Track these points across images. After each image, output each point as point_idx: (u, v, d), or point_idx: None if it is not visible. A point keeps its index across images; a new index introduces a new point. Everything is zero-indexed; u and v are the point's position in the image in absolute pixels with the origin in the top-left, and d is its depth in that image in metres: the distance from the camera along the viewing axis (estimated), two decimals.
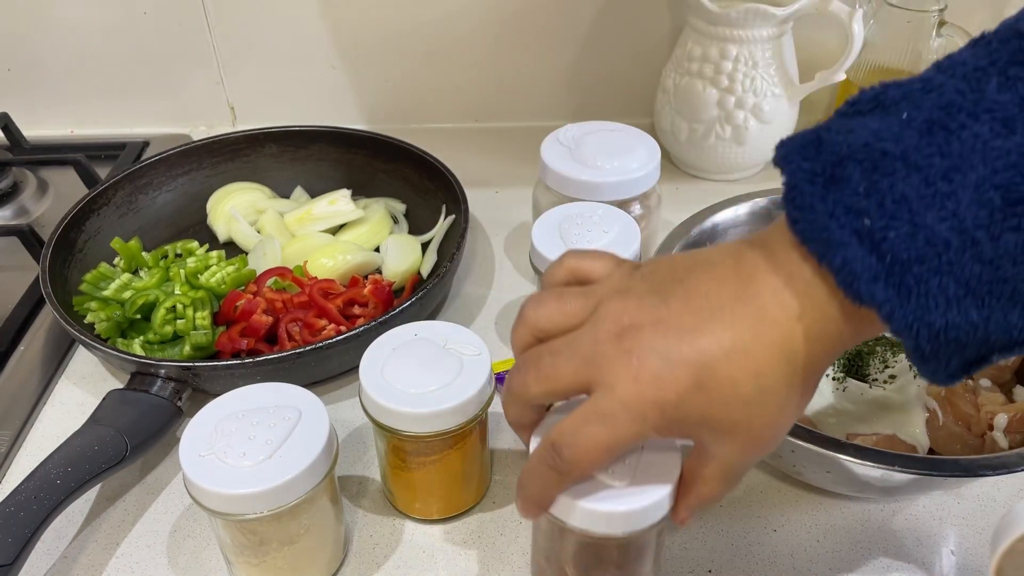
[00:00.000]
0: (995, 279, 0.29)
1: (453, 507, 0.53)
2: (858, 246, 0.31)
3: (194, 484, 0.42)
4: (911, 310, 0.30)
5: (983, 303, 0.30)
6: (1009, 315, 0.30)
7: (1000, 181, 0.29)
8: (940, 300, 0.30)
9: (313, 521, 0.46)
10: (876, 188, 0.31)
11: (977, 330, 0.30)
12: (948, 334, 0.30)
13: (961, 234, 0.29)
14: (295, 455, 0.43)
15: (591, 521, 0.39)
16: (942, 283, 0.30)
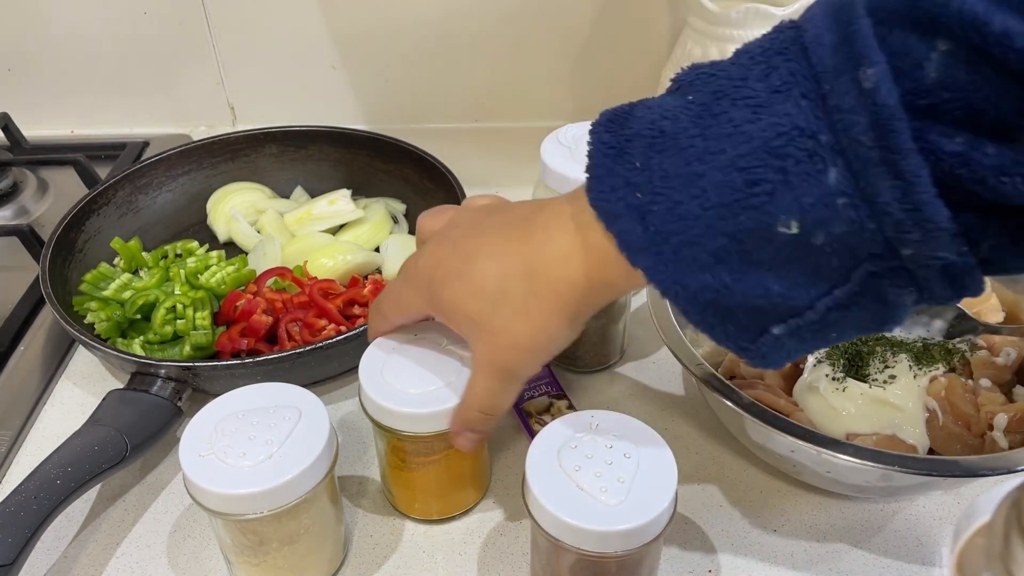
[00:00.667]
0: (740, 249, 0.33)
1: (453, 507, 0.53)
2: (630, 217, 0.35)
3: (194, 484, 0.42)
4: (669, 274, 0.34)
5: (733, 269, 0.33)
6: (758, 278, 0.33)
7: (742, 164, 0.32)
8: (693, 267, 0.34)
9: (313, 521, 0.46)
10: (649, 165, 0.34)
11: (732, 293, 0.34)
12: (703, 295, 0.34)
13: (708, 211, 0.33)
14: (295, 455, 0.43)
15: (587, 541, 0.39)
16: (694, 252, 0.33)
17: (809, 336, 0.35)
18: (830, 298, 0.33)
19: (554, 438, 0.43)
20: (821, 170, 0.31)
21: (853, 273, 0.32)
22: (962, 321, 0.57)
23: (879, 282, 0.32)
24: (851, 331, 0.35)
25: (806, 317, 0.34)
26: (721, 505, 0.54)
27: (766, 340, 0.35)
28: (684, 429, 0.59)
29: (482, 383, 0.43)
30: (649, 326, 0.55)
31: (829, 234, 0.31)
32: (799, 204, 0.31)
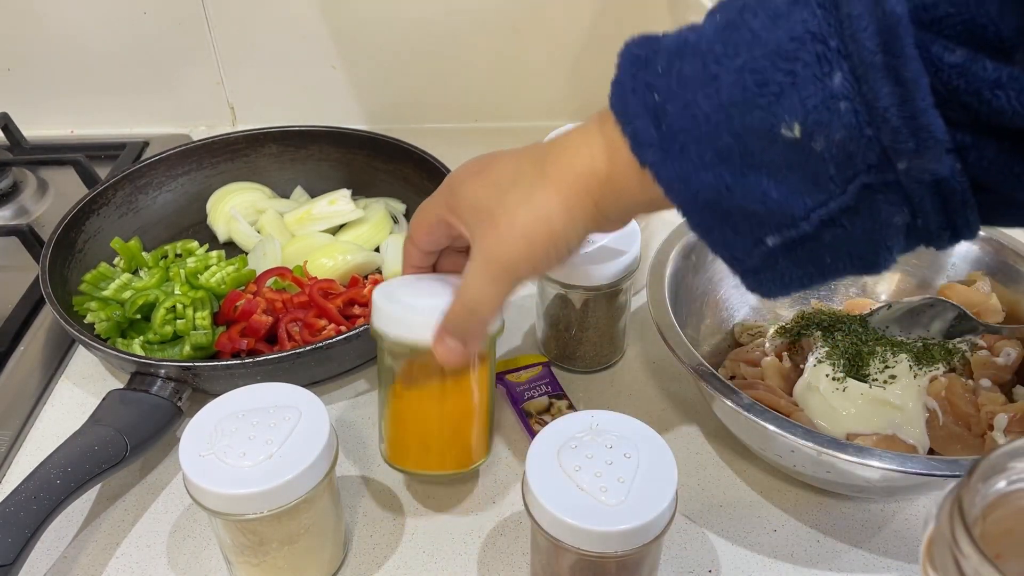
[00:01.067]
0: (744, 150, 0.34)
1: (448, 462, 0.50)
2: (645, 116, 0.36)
3: (194, 484, 0.42)
4: (674, 171, 0.35)
5: (734, 170, 0.34)
6: (758, 181, 0.34)
7: (754, 66, 0.33)
8: (698, 164, 0.35)
9: (313, 521, 0.46)
10: (670, 70, 0.35)
11: (732, 193, 0.34)
12: (704, 194, 0.35)
13: (719, 109, 0.34)
14: (295, 455, 0.43)
15: (587, 541, 0.39)
16: (700, 150, 0.34)
17: (804, 255, 0.35)
18: (824, 210, 0.33)
19: (554, 438, 0.43)
20: (827, 73, 0.31)
21: (849, 185, 0.32)
22: (962, 321, 0.57)
23: (874, 196, 0.33)
24: (844, 257, 0.35)
25: (800, 228, 0.34)
26: (721, 505, 0.54)
27: (761, 252, 0.36)
28: (684, 429, 0.59)
29: (474, 274, 0.42)
30: (649, 326, 0.55)
31: (829, 139, 0.32)
32: (803, 106, 0.32)
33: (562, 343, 0.63)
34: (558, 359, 0.64)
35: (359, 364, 0.63)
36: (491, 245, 0.42)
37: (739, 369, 0.58)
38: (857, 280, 0.65)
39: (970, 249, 0.61)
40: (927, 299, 0.58)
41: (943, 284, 0.61)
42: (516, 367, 0.61)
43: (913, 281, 0.63)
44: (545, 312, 0.62)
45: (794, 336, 0.58)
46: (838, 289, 0.65)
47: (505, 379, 0.60)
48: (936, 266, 0.62)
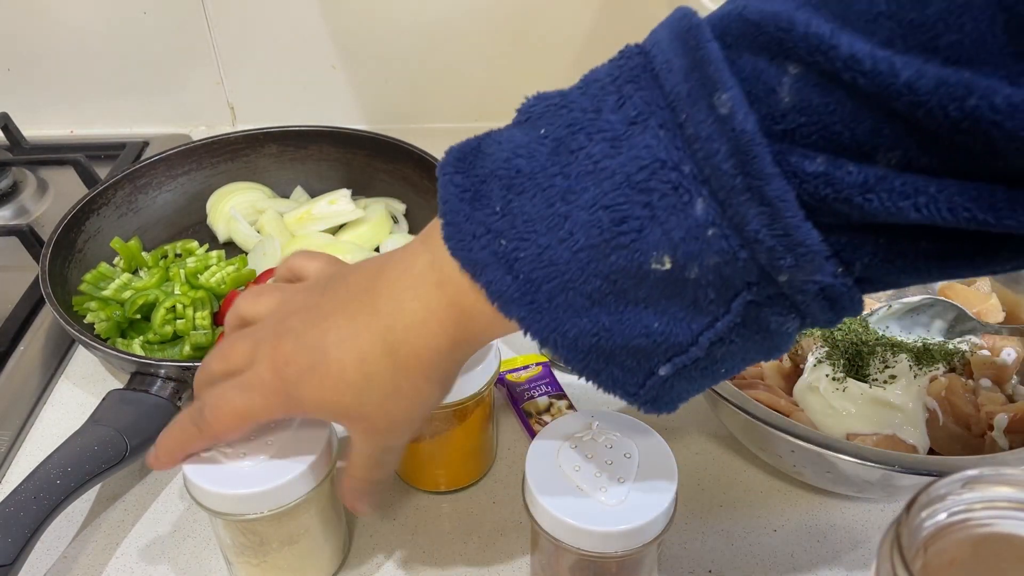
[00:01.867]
0: (616, 290, 0.31)
1: (459, 479, 0.54)
2: (497, 266, 0.32)
3: (194, 484, 0.42)
4: (545, 323, 0.33)
5: (610, 311, 0.32)
6: (637, 317, 0.32)
7: (607, 202, 0.30)
8: (569, 312, 0.32)
9: (313, 521, 0.46)
10: (510, 208, 0.32)
11: (612, 334, 0.32)
12: (583, 341, 0.32)
13: (577, 253, 0.31)
14: (295, 455, 0.43)
15: (587, 541, 0.39)
16: (568, 298, 0.32)
17: (697, 374, 0.33)
18: (712, 332, 0.32)
19: (554, 438, 0.43)
20: (687, 202, 0.29)
21: (732, 304, 0.31)
22: (962, 321, 0.57)
23: (759, 311, 0.31)
24: (739, 364, 0.33)
25: (691, 354, 0.32)
26: (721, 505, 0.54)
27: (654, 383, 0.34)
28: (684, 429, 0.59)
29: (364, 458, 0.41)
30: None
31: (703, 266, 0.30)
32: (669, 239, 0.30)
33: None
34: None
35: None
36: (372, 437, 0.40)
37: None
38: None
39: None
40: (927, 299, 0.58)
41: (943, 284, 0.61)
42: (516, 367, 0.61)
43: None
44: None
45: None
46: None
47: (505, 379, 0.60)
48: None
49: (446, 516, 0.53)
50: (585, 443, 0.42)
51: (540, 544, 0.44)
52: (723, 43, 0.29)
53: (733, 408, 0.47)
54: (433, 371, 0.37)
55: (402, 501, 0.54)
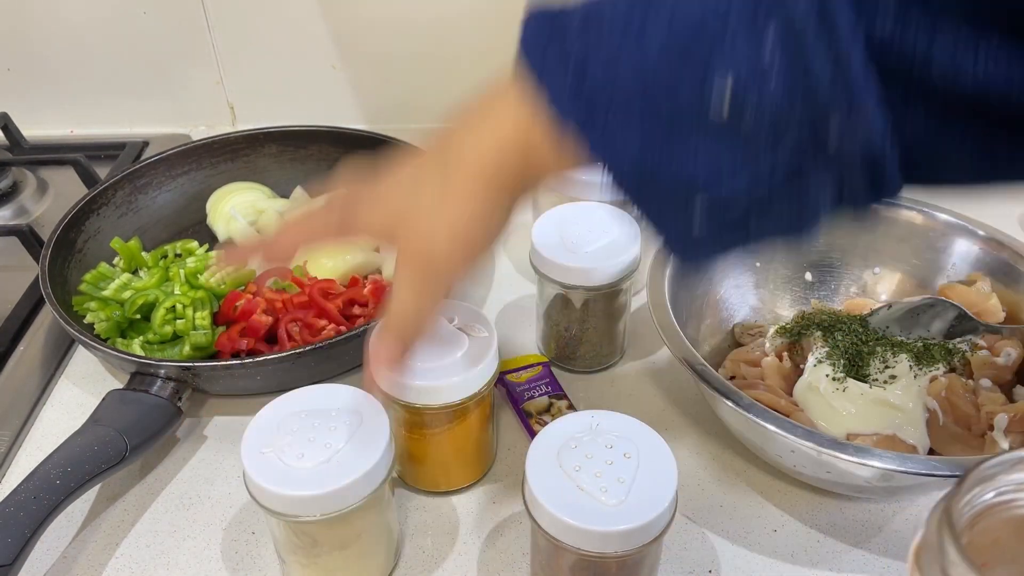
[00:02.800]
0: (674, 109, 0.32)
1: (458, 480, 0.54)
2: (564, 72, 0.33)
3: (252, 481, 0.42)
4: (597, 136, 0.33)
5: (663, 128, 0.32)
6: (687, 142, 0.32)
7: (686, 20, 0.31)
8: (624, 122, 0.32)
9: (366, 528, 0.46)
10: (589, 20, 0.33)
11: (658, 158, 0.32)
12: (630, 155, 0.33)
13: (647, 65, 0.32)
14: (352, 462, 0.43)
15: (587, 541, 0.39)
16: (627, 110, 0.32)
17: (729, 221, 0.34)
18: (753, 168, 0.32)
19: (554, 438, 0.43)
20: (759, 33, 0.30)
21: (778, 148, 0.31)
22: (962, 321, 0.57)
23: (802, 159, 0.31)
24: (769, 224, 0.34)
25: (727, 189, 0.32)
26: (721, 505, 0.54)
27: (687, 217, 0.34)
28: (684, 429, 0.59)
29: (403, 285, 0.40)
30: (649, 326, 0.55)
31: (761, 96, 0.30)
32: (736, 61, 0.30)
33: (562, 343, 0.63)
34: (558, 359, 0.64)
35: (359, 364, 0.63)
36: (413, 244, 0.40)
37: (739, 369, 0.58)
38: (857, 280, 0.65)
39: (970, 249, 0.61)
40: (927, 299, 0.58)
41: (943, 284, 0.61)
42: (516, 367, 0.61)
43: (913, 281, 0.63)
44: (545, 312, 0.62)
45: (794, 336, 0.58)
46: (838, 289, 0.65)
47: (505, 379, 0.60)
48: (936, 266, 0.62)
49: (446, 516, 0.53)
50: (585, 443, 0.42)
51: (540, 544, 0.44)
52: None
53: (733, 408, 0.47)
54: (483, 185, 0.37)
55: (402, 501, 0.54)
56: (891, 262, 0.64)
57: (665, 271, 0.57)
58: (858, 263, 0.65)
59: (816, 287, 0.65)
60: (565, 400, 0.59)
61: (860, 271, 0.65)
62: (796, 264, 0.65)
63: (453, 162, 0.38)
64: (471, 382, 0.48)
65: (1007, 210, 0.78)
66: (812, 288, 0.65)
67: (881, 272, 0.64)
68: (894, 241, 0.63)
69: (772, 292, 0.65)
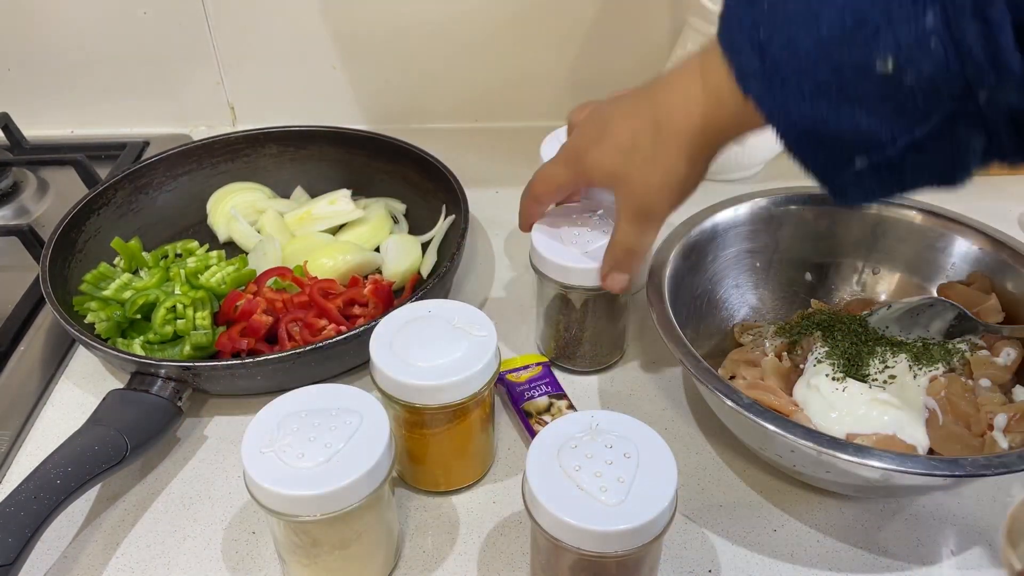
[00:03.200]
0: (840, 83, 0.37)
1: (457, 480, 0.54)
2: (750, 51, 0.39)
3: (253, 480, 0.42)
4: (776, 102, 0.39)
5: (831, 101, 0.37)
6: (852, 112, 0.37)
7: (855, 6, 0.36)
8: (797, 96, 0.38)
9: (366, 528, 0.46)
10: (775, 8, 0.39)
11: (827, 123, 0.38)
12: (802, 123, 0.39)
13: (819, 45, 0.37)
14: (352, 461, 0.43)
15: (587, 541, 0.39)
16: (799, 83, 0.38)
17: (887, 174, 0.39)
18: (910, 136, 0.37)
19: (554, 438, 0.43)
20: (921, 12, 0.34)
21: (934, 114, 0.36)
22: (962, 321, 0.57)
23: (955, 124, 0.36)
24: (924, 175, 0.39)
25: (887, 153, 0.38)
26: (721, 505, 0.54)
27: (848, 173, 0.39)
28: (684, 429, 0.59)
29: (626, 225, 0.51)
30: (649, 326, 0.55)
31: (919, 73, 0.35)
32: (897, 42, 0.35)
33: (562, 343, 0.63)
34: (558, 359, 0.64)
35: (359, 364, 0.63)
36: (632, 200, 0.49)
37: (739, 369, 0.58)
38: (857, 280, 0.65)
39: (970, 249, 0.61)
40: (927, 299, 0.58)
41: (943, 284, 0.61)
42: (516, 367, 0.61)
43: (913, 281, 0.63)
44: (545, 312, 0.62)
45: (794, 336, 0.58)
46: (838, 289, 0.65)
47: (505, 379, 0.60)
48: (936, 266, 0.62)
49: (446, 516, 0.53)
50: (585, 443, 0.42)
51: (540, 544, 0.44)
52: None
53: (733, 408, 0.47)
54: (686, 148, 0.46)
55: (402, 501, 0.54)
56: (891, 262, 0.64)
57: (665, 271, 0.57)
58: (858, 263, 0.65)
59: (816, 287, 0.65)
60: (565, 400, 0.59)
61: (860, 271, 0.65)
62: (796, 264, 0.65)
63: (664, 124, 0.46)
64: (471, 382, 0.48)
65: (1007, 210, 0.78)
66: (812, 288, 0.65)
67: (881, 272, 0.64)
68: (894, 241, 0.63)
69: (772, 292, 0.65)
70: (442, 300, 0.54)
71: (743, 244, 0.63)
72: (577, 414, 0.45)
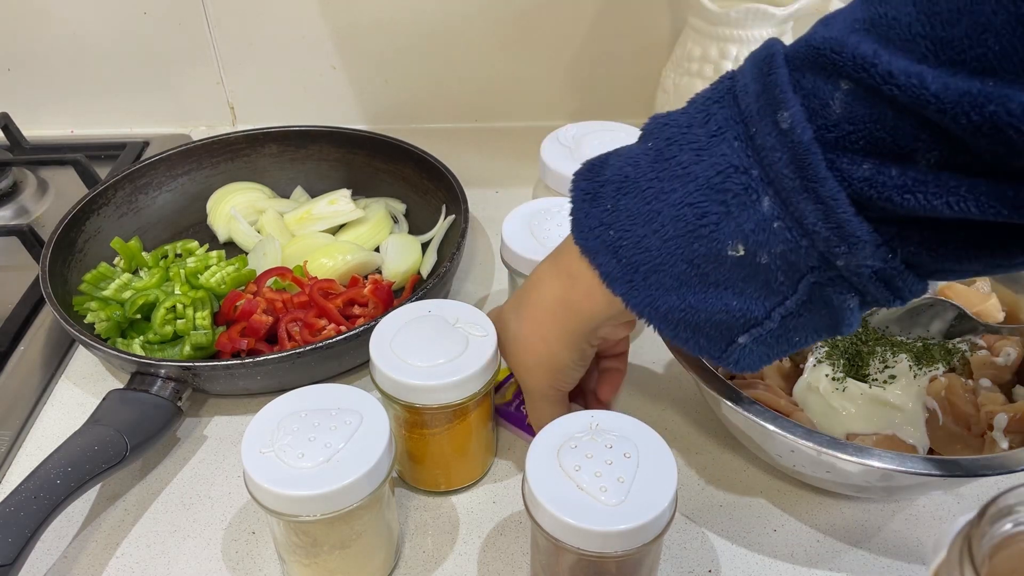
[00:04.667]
0: (699, 273, 0.38)
1: (458, 480, 0.54)
2: (606, 253, 0.40)
3: (252, 481, 0.42)
4: (641, 299, 0.40)
5: (695, 290, 0.38)
6: (718, 296, 0.38)
7: (691, 200, 0.37)
8: (661, 290, 0.39)
9: (366, 527, 0.46)
10: (618, 206, 0.40)
11: (697, 310, 0.39)
12: (673, 315, 0.39)
13: (667, 242, 0.38)
14: (352, 461, 0.43)
15: (587, 541, 0.39)
16: (659, 279, 0.39)
17: (773, 341, 0.39)
18: (783, 308, 0.37)
19: (554, 438, 0.43)
20: (756, 200, 0.35)
21: (799, 285, 0.36)
22: (962, 321, 0.57)
23: (823, 290, 0.36)
24: (810, 334, 0.39)
25: (765, 326, 0.38)
26: (721, 505, 0.54)
27: (734, 349, 0.39)
28: (684, 429, 0.59)
29: (526, 398, 0.52)
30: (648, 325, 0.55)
31: (771, 253, 0.36)
32: (741, 230, 0.36)
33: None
34: None
35: (359, 364, 0.63)
36: (523, 381, 0.51)
37: None
38: None
39: None
40: (927, 299, 0.58)
41: (943, 284, 0.61)
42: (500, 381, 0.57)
43: None
44: None
45: None
46: None
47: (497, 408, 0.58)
48: None
49: (446, 516, 0.53)
50: (585, 443, 0.42)
51: (540, 544, 0.44)
52: (792, 67, 0.35)
53: (733, 408, 0.47)
54: (547, 331, 0.47)
55: (402, 501, 0.54)
56: None
57: None
58: None
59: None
60: None
61: None
62: None
63: (522, 312, 0.48)
64: (471, 382, 0.48)
65: None
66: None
67: None
68: None
69: None
70: (442, 300, 0.53)
71: None
72: (577, 414, 0.45)
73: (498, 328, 0.50)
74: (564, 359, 0.48)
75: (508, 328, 0.50)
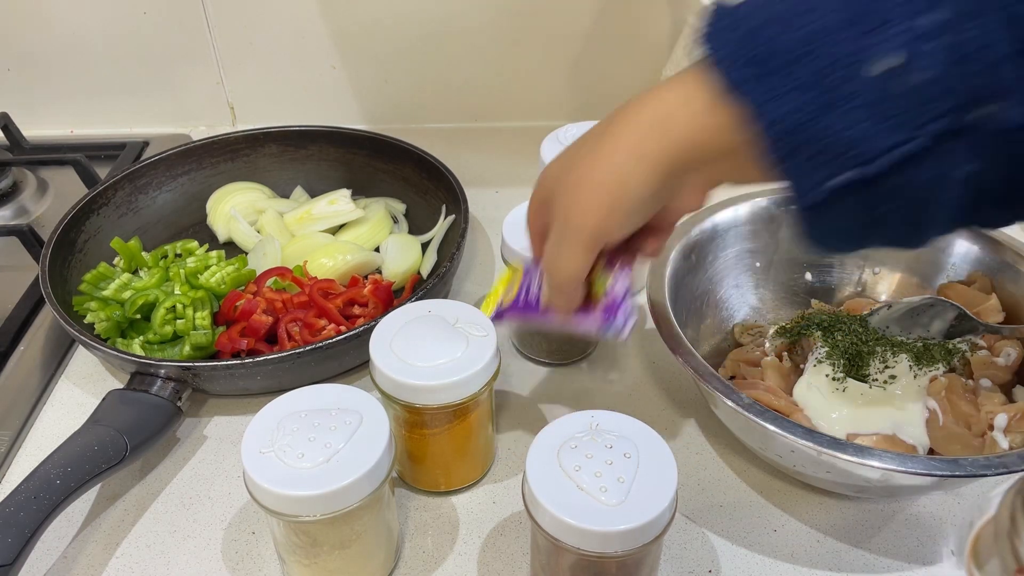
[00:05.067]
0: (833, 80, 0.34)
1: (457, 480, 0.54)
2: (738, 39, 0.36)
3: (252, 481, 0.42)
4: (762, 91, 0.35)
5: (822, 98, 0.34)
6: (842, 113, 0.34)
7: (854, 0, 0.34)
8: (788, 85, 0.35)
9: (366, 527, 0.46)
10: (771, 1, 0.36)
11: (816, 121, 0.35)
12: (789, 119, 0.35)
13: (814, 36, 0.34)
14: (352, 461, 0.43)
15: (587, 541, 0.39)
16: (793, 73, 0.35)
17: (864, 198, 0.36)
18: (900, 151, 0.34)
19: (554, 438, 0.43)
20: (920, 12, 0.33)
21: (928, 126, 0.33)
22: (962, 321, 0.57)
23: (948, 142, 0.34)
24: (903, 207, 0.36)
25: (872, 167, 0.34)
26: (721, 505, 0.54)
27: (828, 187, 0.36)
28: (684, 429, 0.59)
29: (551, 242, 0.44)
30: (649, 326, 0.55)
31: (915, 76, 0.33)
32: (895, 42, 0.33)
33: (538, 339, 0.63)
34: (531, 352, 0.64)
35: (359, 364, 0.63)
36: (563, 207, 0.42)
37: (739, 369, 0.58)
38: (857, 280, 0.65)
39: (970, 249, 0.61)
40: (927, 299, 0.58)
41: (943, 284, 0.61)
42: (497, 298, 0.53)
43: (913, 281, 0.63)
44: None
45: (794, 336, 0.58)
46: (838, 289, 0.65)
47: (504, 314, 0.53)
48: (936, 266, 0.62)
49: (446, 516, 0.53)
50: (585, 443, 0.42)
51: (540, 544, 0.44)
52: None
53: (733, 408, 0.47)
54: (631, 147, 0.40)
55: (402, 501, 0.54)
56: (891, 262, 0.64)
57: (665, 271, 0.57)
58: (858, 263, 0.65)
59: (816, 287, 0.65)
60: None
61: (860, 271, 0.65)
62: (796, 264, 0.65)
63: (611, 121, 0.41)
64: (471, 382, 0.48)
65: None
66: (812, 288, 0.65)
67: (881, 272, 0.64)
68: None
69: (772, 292, 0.65)
70: (442, 300, 0.53)
71: (743, 244, 0.63)
72: (577, 414, 0.45)
73: (547, 167, 0.44)
74: (633, 187, 0.40)
75: (566, 152, 0.43)
